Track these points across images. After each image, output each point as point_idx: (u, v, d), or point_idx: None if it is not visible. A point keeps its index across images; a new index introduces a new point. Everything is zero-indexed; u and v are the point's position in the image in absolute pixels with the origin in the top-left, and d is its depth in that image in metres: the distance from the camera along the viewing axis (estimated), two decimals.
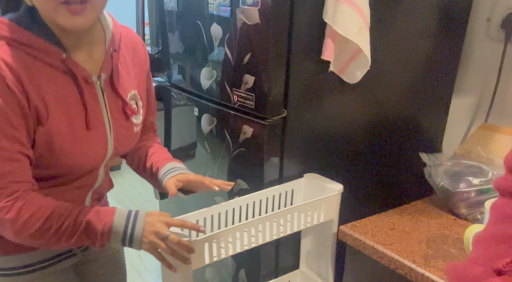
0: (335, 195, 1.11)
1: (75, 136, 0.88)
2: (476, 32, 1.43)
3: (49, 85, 0.84)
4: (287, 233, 1.07)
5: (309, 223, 1.10)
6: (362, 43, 1.10)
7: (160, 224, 0.88)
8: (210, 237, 0.94)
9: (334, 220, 1.14)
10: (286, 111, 1.16)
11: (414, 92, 1.40)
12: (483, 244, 0.45)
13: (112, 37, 0.93)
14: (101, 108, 0.92)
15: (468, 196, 1.13)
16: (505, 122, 1.37)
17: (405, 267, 0.98)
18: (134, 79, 0.99)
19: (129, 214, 0.89)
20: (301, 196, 1.20)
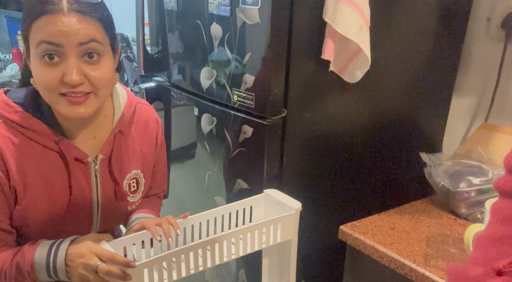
0: (292, 214, 0.97)
1: (54, 215, 0.89)
2: (476, 32, 1.43)
3: (37, 165, 0.85)
4: (239, 255, 0.94)
5: (264, 244, 0.97)
6: (362, 43, 1.09)
7: (90, 254, 0.80)
8: (151, 261, 0.81)
9: (293, 240, 1.00)
10: (286, 111, 1.15)
11: (414, 92, 1.40)
12: (483, 244, 0.45)
13: (120, 118, 0.93)
14: (92, 189, 0.92)
15: (469, 196, 1.13)
16: (506, 122, 1.37)
17: (405, 266, 0.98)
18: (139, 159, 0.99)
19: (52, 246, 0.83)
20: (261, 213, 1.07)
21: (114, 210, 0.97)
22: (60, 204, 0.89)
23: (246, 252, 0.95)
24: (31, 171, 0.85)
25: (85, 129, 0.90)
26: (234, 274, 1.40)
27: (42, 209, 0.87)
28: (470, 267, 0.43)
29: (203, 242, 0.88)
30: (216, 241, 0.89)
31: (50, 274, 0.83)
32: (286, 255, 1.04)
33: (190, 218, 0.97)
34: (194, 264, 0.88)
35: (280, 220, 0.97)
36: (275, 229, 0.97)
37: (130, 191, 0.98)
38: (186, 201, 1.60)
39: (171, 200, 1.67)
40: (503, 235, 0.43)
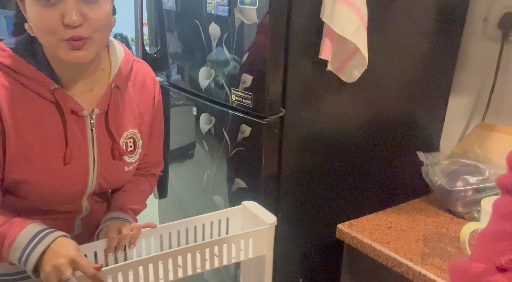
0: (265, 229, 0.92)
1: (49, 169, 0.86)
2: (473, 32, 1.43)
3: (31, 114, 0.83)
4: (206, 268, 0.90)
5: (234, 259, 0.93)
6: (360, 43, 1.10)
7: (65, 260, 0.75)
8: (116, 268, 0.78)
9: (267, 256, 0.96)
10: (284, 111, 1.16)
11: (412, 92, 1.40)
12: (485, 241, 0.45)
13: (117, 73, 0.92)
14: (88, 143, 0.89)
15: (465, 195, 1.14)
16: (502, 122, 1.38)
17: (402, 265, 0.99)
18: (136, 118, 0.97)
19: (37, 234, 0.78)
20: (239, 225, 1.03)
21: (111, 168, 0.94)
22: (55, 157, 0.86)
23: (216, 265, 0.91)
24: (24, 118, 0.82)
25: (82, 82, 0.88)
26: (232, 273, 1.40)
27: (35, 159, 0.84)
28: (471, 264, 0.43)
29: (172, 252, 0.83)
30: (187, 251, 0.85)
31: (21, 260, 0.77)
32: (261, 270, 0.99)
33: (161, 227, 0.93)
34: (163, 274, 0.84)
35: (252, 234, 0.91)
36: (246, 243, 0.92)
37: (127, 150, 0.95)
38: (185, 201, 1.60)
39: (170, 199, 1.68)
40: (504, 231, 0.42)
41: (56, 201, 0.90)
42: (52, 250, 0.76)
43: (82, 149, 0.89)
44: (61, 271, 0.74)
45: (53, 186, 0.87)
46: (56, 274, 0.74)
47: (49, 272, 0.74)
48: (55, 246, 0.77)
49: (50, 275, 0.75)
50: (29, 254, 0.76)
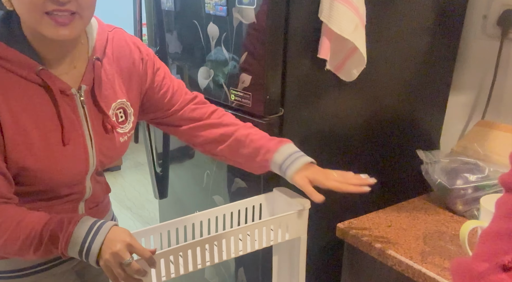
0: (301, 212, 0.99)
1: (49, 152, 0.84)
2: (473, 29, 1.43)
3: (22, 99, 0.81)
4: (247, 251, 0.96)
5: (272, 241, 0.99)
6: (358, 42, 1.10)
7: (123, 246, 0.79)
8: (166, 252, 0.84)
9: (302, 238, 1.02)
10: (283, 110, 1.16)
11: (411, 90, 1.40)
12: (488, 239, 0.44)
13: (95, 45, 0.89)
14: (81, 121, 0.88)
15: (465, 193, 1.14)
16: (502, 119, 1.37)
17: (402, 264, 0.99)
18: (122, 87, 0.95)
19: (92, 226, 0.81)
20: (270, 210, 1.09)
21: (107, 142, 0.92)
22: (54, 140, 0.84)
23: (254, 248, 0.97)
24: (16, 104, 0.80)
25: (64, 60, 0.85)
26: (233, 273, 1.40)
27: (36, 145, 0.83)
28: (475, 263, 0.43)
29: (210, 238, 0.89)
30: (223, 237, 0.91)
31: (81, 254, 0.81)
32: (296, 252, 1.05)
33: (194, 216, 0.98)
34: (201, 259, 0.90)
35: (288, 217, 0.98)
36: (283, 227, 0.98)
37: (118, 121, 0.94)
38: (186, 200, 1.60)
39: (171, 199, 1.68)
40: (508, 230, 0.42)
41: (61, 185, 0.90)
42: (109, 239, 0.80)
43: (78, 127, 0.88)
44: (121, 256, 0.78)
45: (57, 169, 0.86)
46: (116, 260, 0.78)
47: (109, 259, 0.78)
48: (111, 235, 0.80)
49: (110, 262, 0.79)
50: (90, 247, 0.79)
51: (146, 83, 1.00)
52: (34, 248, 0.81)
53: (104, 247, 0.79)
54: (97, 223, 0.82)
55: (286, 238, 1.00)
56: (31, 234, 0.80)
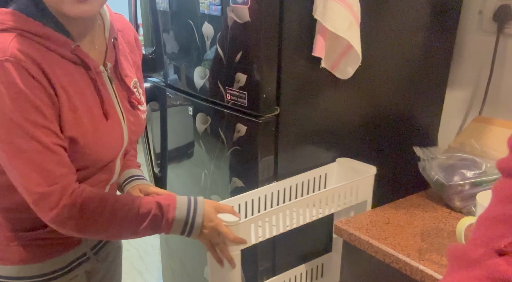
0: (369, 176, 1.17)
1: (96, 127, 0.86)
2: (469, 25, 1.43)
3: (66, 76, 0.82)
4: (325, 213, 1.14)
5: (345, 204, 1.16)
6: (353, 39, 1.10)
7: (219, 220, 0.95)
8: (255, 218, 1.01)
9: (368, 201, 1.22)
10: (279, 109, 1.16)
11: (408, 87, 1.40)
12: (484, 224, 0.44)
13: (110, 25, 0.92)
14: (112, 97, 0.91)
15: (462, 189, 1.14)
16: (499, 115, 1.37)
17: (400, 261, 0.99)
18: (132, 66, 0.99)
19: (189, 208, 0.92)
20: (333, 179, 1.26)
21: (133, 118, 0.96)
22: (97, 116, 0.87)
23: (330, 211, 1.15)
24: (64, 80, 0.81)
25: (87, 39, 0.88)
26: None
27: (84, 121, 0.84)
28: (471, 248, 0.43)
29: (298, 201, 1.05)
30: (309, 201, 1.07)
31: (184, 232, 0.93)
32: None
33: (270, 186, 1.15)
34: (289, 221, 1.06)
35: (359, 182, 1.16)
36: (354, 190, 1.15)
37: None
38: None
39: None
40: (504, 215, 0.42)
41: (102, 161, 0.92)
42: (206, 216, 0.94)
43: (112, 103, 0.91)
44: (217, 229, 0.94)
45: (102, 144, 0.88)
46: (215, 232, 0.94)
47: (210, 232, 0.94)
48: (206, 211, 0.94)
49: (211, 234, 0.94)
50: (192, 226, 0.92)
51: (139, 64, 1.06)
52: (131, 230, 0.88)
53: (204, 223, 0.93)
54: (191, 206, 0.93)
55: (357, 201, 1.17)
56: (128, 216, 0.87)
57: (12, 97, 0.75)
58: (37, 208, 0.81)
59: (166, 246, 1.80)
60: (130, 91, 0.95)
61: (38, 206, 0.80)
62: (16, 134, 0.76)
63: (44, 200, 0.80)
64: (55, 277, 0.95)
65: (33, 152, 0.78)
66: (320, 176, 1.23)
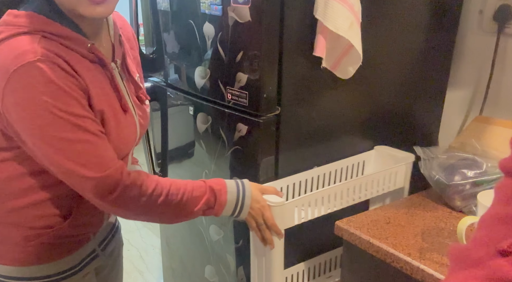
0: (408, 164, 1.22)
1: (117, 121, 0.90)
2: (469, 25, 1.43)
3: (88, 72, 0.84)
4: (363, 199, 1.20)
5: (384, 190, 1.23)
6: (353, 39, 1.10)
7: (265, 202, 1.02)
8: (299, 200, 1.09)
9: (405, 187, 1.27)
10: (280, 109, 1.16)
11: (409, 86, 1.40)
12: (487, 225, 0.44)
13: (114, 23, 0.95)
14: (124, 92, 0.94)
15: (463, 189, 1.14)
16: (500, 115, 1.37)
17: (401, 260, 0.99)
18: (133, 63, 1.02)
19: (238, 191, 0.99)
20: (371, 167, 1.32)
21: (142, 113, 1.00)
22: (117, 109, 0.90)
23: (369, 196, 1.22)
24: (88, 77, 0.84)
25: (98, 37, 0.90)
26: (233, 272, 1.41)
27: (108, 115, 0.87)
28: (473, 248, 0.42)
29: (340, 185, 1.13)
30: (349, 185, 1.15)
31: (234, 213, 1.00)
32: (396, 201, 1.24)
33: (310, 172, 1.22)
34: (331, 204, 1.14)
35: (398, 169, 1.22)
36: (393, 177, 1.22)
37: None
38: None
39: None
40: (507, 215, 0.41)
41: (119, 156, 0.93)
42: (253, 198, 1.01)
43: (126, 98, 0.94)
44: (264, 213, 1.02)
45: (123, 137, 0.92)
46: (261, 213, 1.02)
47: (256, 213, 1.02)
48: (253, 194, 1.01)
49: (257, 214, 1.02)
50: (241, 208, 1.00)
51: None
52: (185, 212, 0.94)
53: (251, 205, 1.01)
54: (239, 187, 1.00)
55: (396, 187, 1.23)
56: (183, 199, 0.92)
57: (52, 94, 0.77)
58: (97, 194, 0.84)
59: (167, 246, 1.80)
60: (138, 86, 0.98)
61: (97, 192, 0.83)
62: (64, 129, 0.79)
63: (103, 184, 0.83)
64: (70, 274, 0.97)
65: (83, 141, 0.81)
66: (358, 162, 1.30)
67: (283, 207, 1.05)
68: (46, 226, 0.92)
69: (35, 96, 0.76)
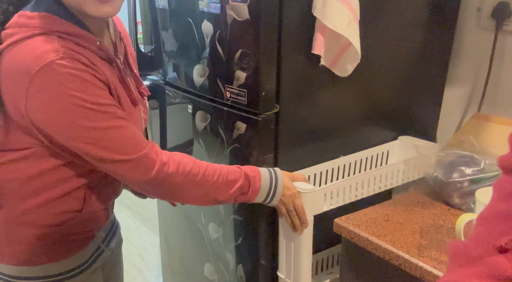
0: (432, 153, 1.24)
1: (129, 113, 0.94)
2: (467, 22, 1.43)
3: (103, 68, 0.86)
4: (389, 186, 1.25)
5: (408, 178, 1.27)
6: (352, 37, 1.10)
7: (296, 190, 1.06)
8: (328, 187, 1.14)
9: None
10: (278, 106, 1.16)
11: (407, 84, 1.40)
12: (485, 222, 0.44)
13: (113, 22, 0.97)
14: (131, 87, 0.96)
15: (461, 186, 1.14)
16: (498, 112, 1.38)
17: (399, 258, 0.99)
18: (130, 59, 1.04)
19: (271, 179, 1.03)
20: (394, 156, 1.37)
21: (144, 108, 1.02)
22: (129, 103, 0.93)
23: (393, 185, 1.26)
24: (105, 73, 0.86)
25: (102, 36, 0.92)
26: (232, 270, 1.41)
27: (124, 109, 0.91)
28: (471, 245, 0.43)
29: (366, 174, 1.19)
30: (375, 174, 1.20)
31: (266, 200, 1.04)
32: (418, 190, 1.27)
33: (338, 160, 1.28)
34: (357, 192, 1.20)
35: (422, 158, 1.25)
36: (418, 166, 1.25)
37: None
38: None
39: None
40: (505, 212, 0.42)
41: None
42: (285, 186, 1.05)
43: (134, 94, 0.96)
44: (294, 202, 1.05)
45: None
46: (291, 200, 1.06)
47: (287, 200, 1.05)
48: (285, 182, 1.05)
49: (288, 201, 1.06)
50: (273, 195, 1.03)
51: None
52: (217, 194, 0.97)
53: (283, 192, 1.04)
54: (273, 179, 1.03)
55: (420, 176, 1.26)
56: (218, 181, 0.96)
57: (78, 88, 0.79)
58: (136, 175, 0.87)
59: (166, 244, 1.80)
60: (140, 81, 1.01)
61: (137, 173, 0.87)
62: (96, 119, 0.82)
63: (142, 163, 0.87)
64: (80, 272, 0.99)
65: (116, 128, 0.84)
66: (382, 152, 1.35)
67: (313, 194, 1.09)
68: (57, 223, 0.94)
69: (63, 93, 0.78)
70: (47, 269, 0.95)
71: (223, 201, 1.00)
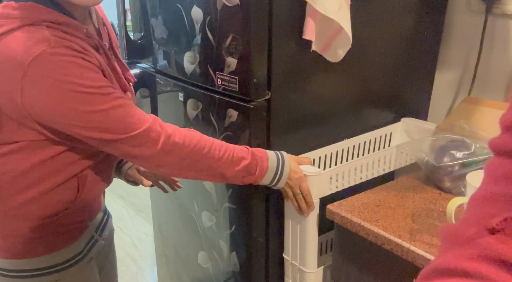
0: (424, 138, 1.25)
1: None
2: (457, 5, 1.43)
3: (93, 56, 0.86)
4: (393, 168, 1.28)
5: (412, 160, 1.30)
6: (343, 22, 1.09)
7: (302, 173, 1.07)
8: (334, 170, 1.16)
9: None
10: (270, 93, 1.15)
11: (398, 68, 1.40)
12: (476, 204, 0.44)
13: (96, 9, 0.96)
14: (119, 73, 0.97)
15: (452, 170, 1.15)
16: (488, 95, 1.38)
17: (391, 242, 1.00)
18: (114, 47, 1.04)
19: (278, 160, 1.04)
20: (397, 139, 1.39)
21: (132, 95, 1.03)
22: (119, 90, 0.93)
23: (396, 166, 1.29)
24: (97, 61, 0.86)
25: (86, 23, 0.92)
26: (226, 258, 1.42)
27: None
28: (462, 227, 0.42)
29: (367, 157, 1.21)
30: (377, 156, 1.22)
31: (273, 181, 1.04)
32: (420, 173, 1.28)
33: (341, 143, 1.28)
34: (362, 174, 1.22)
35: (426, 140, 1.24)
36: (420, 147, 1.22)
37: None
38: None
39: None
40: (496, 193, 0.41)
41: None
42: (292, 168, 1.05)
43: (123, 80, 0.97)
44: (300, 185, 1.07)
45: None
46: (298, 183, 1.06)
47: (294, 183, 1.06)
48: (292, 164, 1.06)
49: (294, 184, 1.07)
50: (280, 177, 1.04)
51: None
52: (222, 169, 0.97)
53: (289, 175, 1.05)
54: (278, 156, 1.05)
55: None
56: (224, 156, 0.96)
57: (75, 74, 0.79)
58: (143, 150, 0.87)
59: (159, 233, 1.80)
60: (125, 67, 1.00)
61: (143, 147, 0.87)
62: (96, 102, 0.81)
63: (147, 137, 0.87)
64: (76, 262, 0.99)
65: (117, 107, 0.84)
66: (385, 134, 1.37)
67: (320, 176, 1.10)
68: (52, 214, 0.94)
69: (60, 81, 0.77)
70: (42, 261, 0.95)
71: (230, 177, 1.00)
